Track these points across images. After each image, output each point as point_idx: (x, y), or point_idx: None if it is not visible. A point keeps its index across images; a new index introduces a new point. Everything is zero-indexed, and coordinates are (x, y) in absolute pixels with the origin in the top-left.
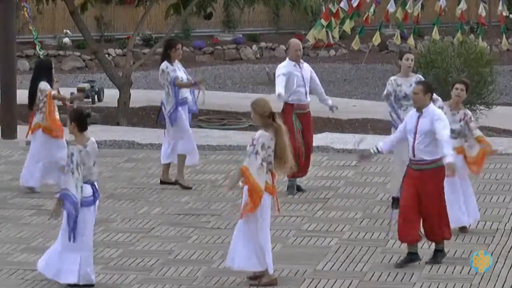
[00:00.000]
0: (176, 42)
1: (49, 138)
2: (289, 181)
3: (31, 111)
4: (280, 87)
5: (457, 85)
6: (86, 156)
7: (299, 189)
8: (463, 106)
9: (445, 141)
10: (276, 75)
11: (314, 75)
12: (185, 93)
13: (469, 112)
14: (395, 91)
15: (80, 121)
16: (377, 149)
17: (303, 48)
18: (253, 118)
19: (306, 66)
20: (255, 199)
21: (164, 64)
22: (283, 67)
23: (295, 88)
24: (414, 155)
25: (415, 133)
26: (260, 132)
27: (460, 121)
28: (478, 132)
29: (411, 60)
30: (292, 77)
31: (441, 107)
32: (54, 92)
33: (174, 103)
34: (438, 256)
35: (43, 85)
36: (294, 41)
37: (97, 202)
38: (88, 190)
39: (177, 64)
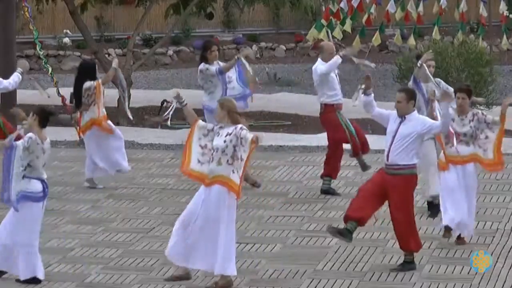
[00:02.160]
0: (212, 44)
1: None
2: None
3: (77, 112)
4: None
5: (458, 94)
6: (40, 151)
7: (330, 192)
8: (472, 108)
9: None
10: (314, 75)
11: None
12: (230, 91)
13: (477, 111)
14: None
15: (42, 116)
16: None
17: (303, 48)
18: (220, 116)
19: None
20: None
21: (202, 65)
22: (317, 66)
23: (334, 88)
24: (388, 159)
25: (393, 137)
26: (241, 128)
27: (469, 122)
28: (496, 118)
29: (433, 67)
30: (332, 79)
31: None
32: (101, 80)
33: (222, 95)
34: (404, 266)
35: (87, 84)
36: (329, 44)
37: (46, 200)
38: (37, 186)
39: (214, 67)
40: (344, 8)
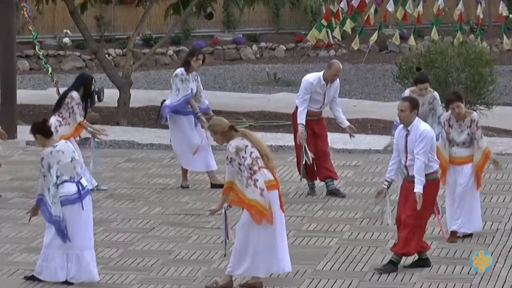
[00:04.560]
0: (199, 53)
1: None
2: (309, 183)
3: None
4: (301, 104)
5: (451, 106)
6: (57, 154)
7: (334, 193)
8: (469, 112)
9: (417, 170)
10: (302, 86)
11: (337, 94)
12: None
13: (475, 117)
14: None
15: (42, 131)
16: (388, 182)
17: (303, 48)
18: (216, 140)
19: (335, 85)
20: (257, 215)
21: (180, 70)
22: (311, 84)
23: (315, 103)
24: (408, 173)
25: (406, 153)
26: (230, 143)
27: (467, 128)
28: (483, 144)
29: (425, 90)
30: (313, 95)
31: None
32: (84, 122)
33: (172, 106)
34: (389, 266)
35: (75, 94)
36: (338, 65)
37: (87, 199)
38: (72, 188)
39: (194, 75)
40: (344, 8)
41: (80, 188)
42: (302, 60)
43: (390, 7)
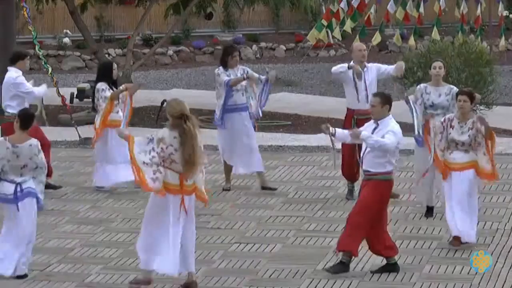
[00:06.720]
0: (233, 50)
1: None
2: (348, 185)
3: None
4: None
5: (459, 97)
6: (9, 154)
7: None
8: (473, 114)
9: (379, 140)
10: (334, 68)
11: (383, 68)
12: (239, 99)
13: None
14: (423, 98)
15: (23, 118)
16: (335, 131)
17: (303, 48)
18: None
19: (371, 68)
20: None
21: (219, 69)
22: (340, 72)
23: (351, 93)
24: (362, 165)
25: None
26: (164, 129)
27: (468, 130)
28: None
29: (439, 68)
30: (348, 83)
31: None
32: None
33: (221, 108)
34: (337, 267)
35: (99, 85)
36: (357, 44)
37: (26, 201)
38: (9, 188)
39: (235, 71)
40: (345, 8)
41: (18, 189)
42: (302, 60)
43: (391, 8)
